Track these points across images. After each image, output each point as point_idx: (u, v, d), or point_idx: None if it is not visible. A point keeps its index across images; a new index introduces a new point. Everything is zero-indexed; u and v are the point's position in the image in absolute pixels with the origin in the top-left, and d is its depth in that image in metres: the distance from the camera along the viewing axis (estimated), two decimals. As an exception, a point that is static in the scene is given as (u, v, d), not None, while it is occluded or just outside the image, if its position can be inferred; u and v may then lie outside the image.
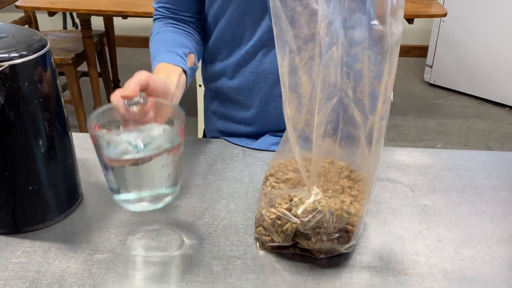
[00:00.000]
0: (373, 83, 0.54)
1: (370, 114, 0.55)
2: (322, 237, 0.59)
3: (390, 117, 0.56)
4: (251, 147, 0.89)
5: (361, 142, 0.57)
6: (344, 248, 0.62)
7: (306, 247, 0.61)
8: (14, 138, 0.63)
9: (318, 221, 0.59)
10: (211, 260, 0.64)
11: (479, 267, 0.64)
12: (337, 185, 0.62)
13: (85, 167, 0.82)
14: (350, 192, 0.62)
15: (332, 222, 0.59)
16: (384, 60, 0.52)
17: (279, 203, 0.62)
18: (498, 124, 2.96)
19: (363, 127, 0.56)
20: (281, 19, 0.52)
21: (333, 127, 0.57)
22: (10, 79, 0.60)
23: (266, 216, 0.63)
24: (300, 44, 0.53)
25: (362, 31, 0.52)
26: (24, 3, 2.22)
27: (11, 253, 0.65)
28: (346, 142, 0.58)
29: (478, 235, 0.70)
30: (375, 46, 0.52)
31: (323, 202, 0.60)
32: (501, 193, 0.79)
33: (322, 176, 0.62)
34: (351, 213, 0.60)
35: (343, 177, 0.63)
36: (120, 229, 0.69)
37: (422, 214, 0.74)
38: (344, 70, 0.54)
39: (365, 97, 0.54)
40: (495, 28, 2.99)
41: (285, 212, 0.61)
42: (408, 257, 0.66)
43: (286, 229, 0.61)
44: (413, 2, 2.30)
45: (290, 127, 0.59)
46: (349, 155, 0.61)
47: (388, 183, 0.81)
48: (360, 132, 0.56)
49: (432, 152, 0.90)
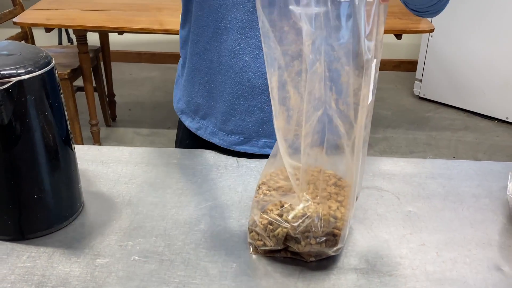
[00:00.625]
0: (353, 95, 0.58)
1: (352, 124, 0.59)
2: (311, 241, 0.63)
3: (380, 130, 0.59)
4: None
5: (345, 151, 0.62)
6: (332, 250, 0.66)
7: (296, 250, 0.65)
8: (20, 150, 0.67)
9: (307, 226, 0.63)
10: (207, 263, 0.68)
11: (459, 269, 0.69)
12: (325, 192, 0.66)
13: (86, 178, 0.85)
14: (336, 198, 0.66)
15: (320, 226, 0.63)
16: (361, 74, 0.56)
17: (271, 209, 0.66)
18: (486, 136, 3.02)
19: (346, 136, 0.60)
20: (270, 38, 0.57)
21: (320, 137, 0.61)
22: (18, 94, 0.64)
23: (258, 222, 0.67)
24: (288, 60, 0.58)
25: (341, 48, 0.57)
26: (21, 19, 2.27)
27: (17, 258, 0.68)
28: (332, 151, 0.62)
29: (459, 239, 0.74)
30: (352, 62, 0.57)
31: (311, 208, 0.64)
32: (482, 200, 0.83)
33: (311, 183, 0.66)
34: (337, 217, 0.64)
35: (331, 184, 0.67)
36: (120, 235, 0.73)
37: (407, 219, 0.78)
38: (327, 84, 0.58)
39: (347, 108, 0.59)
40: (482, 43, 3.06)
41: (276, 218, 0.65)
42: (393, 260, 0.70)
43: (277, 234, 0.65)
44: (401, 19, 2.36)
45: (280, 138, 0.63)
46: (335, 163, 0.65)
47: (375, 191, 0.85)
48: (344, 141, 0.61)
49: (417, 162, 0.94)
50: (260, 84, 0.92)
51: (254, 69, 0.91)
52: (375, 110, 3.22)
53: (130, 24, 2.25)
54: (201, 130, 1.02)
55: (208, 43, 0.94)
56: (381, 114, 3.23)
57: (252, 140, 0.97)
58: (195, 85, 1.00)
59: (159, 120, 3.10)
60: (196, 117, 1.03)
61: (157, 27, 2.22)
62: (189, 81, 1.02)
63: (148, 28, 2.23)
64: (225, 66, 0.93)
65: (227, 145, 0.98)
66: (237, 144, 0.98)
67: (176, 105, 1.09)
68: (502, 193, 0.85)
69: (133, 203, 0.80)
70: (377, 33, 0.57)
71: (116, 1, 2.56)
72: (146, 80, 3.64)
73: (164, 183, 0.85)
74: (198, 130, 1.03)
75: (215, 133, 1.00)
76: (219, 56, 0.93)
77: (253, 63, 0.91)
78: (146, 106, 3.28)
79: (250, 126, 0.96)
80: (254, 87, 0.92)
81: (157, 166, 0.90)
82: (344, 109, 0.59)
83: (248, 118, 0.95)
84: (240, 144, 0.98)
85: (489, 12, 2.97)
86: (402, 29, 2.30)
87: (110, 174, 0.87)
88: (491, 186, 0.87)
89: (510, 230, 0.77)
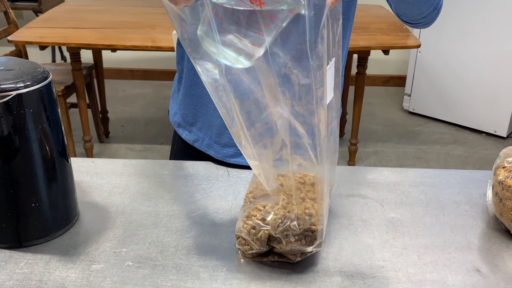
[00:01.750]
0: (305, 97, 0.63)
1: (311, 124, 0.64)
2: (291, 239, 0.67)
3: (371, 144, 0.62)
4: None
5: (309, 149, 0.66)
6: (313, 246, 0.69)
7: (280, 249, 0.69)
8: (19, 160, 0.70)
9: (285, 225, 0.67)
10: (198, 268, 0.71)
11: (439, 271, 0.72)
12: (300, 192, 0.70)
13: (81, 188, 0.88)
14: (311, 196, 0.70)
15: (297, 224, 0.67)
16: (309, 75, 0.61)
17: (254, 214, 0.70)
18: (474, 149, 3.07)
19: (306, 136, 0.65)
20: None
21: (283, 142, 0.66)
22: (17, 107, 0.68)
23: (243, 228, 0.70)
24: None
25: (287, 53, 0.62)
26: (16, 37, 2.31)
27: (15, 265, 0.71)
28: (297, 151, 0.67)
29: (439, 243, 0.77)
30: (300, 65, 0.61)
31: (288, 208, 0.68)
32: (462, 207, 0.87)
33: (285, 185, 0.70)
34: (312, 214, 0.68)
35: (303, 183, 0.71)
36: (114, 243, 0.76)
37: (390, 225, 0.81)
38: (279, 89, 0.63)
39: (302, 109, 0.64)
40: (470, 58, 3.13)
41: (258, 222, 0.69)
42: (376, 263, 0.73)
43: (260, 236, 0.68)
44: (389, 35, 2.42)
45: (239, 145, 0.68)
46: (303, 163, 0.69)
47: (359, 198, 0.88)
48: (305, 141, 0.65)
49: (400, 171, 0.98)
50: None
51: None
52: (365, 125, 3.27)
53: (123, 42, 2.29)
54: (198, 143, 1.06)
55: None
56: (371, 129, 3.28)
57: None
58: (192, 98, 1.05)
59: (152, 136, 3.13)
60: (194, 130, 1.07)
61: (150, 44, 2.26)
62: (186, 95, 1.06)
63: (141, 45, 2.27)
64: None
65: (221, 157, 1.02)
66: (231, 157, 1.01)
67: (173, 118, 1.12)
68: (482, 199, 0.89)
69: (126, 212, 0.83)
70: (334, 34, 0.61)
71: (109, 19, 2.61)
72: (139, 97, 3.67)
73: (156, 193, 0.88)
74: (195, 142, 1.07)
75: (210, 146, 1.04)
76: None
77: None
78: (139, 122, 3.32)
79: None
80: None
81: (150, 177, 0.93)
82: (300, 110, 0.63)
83: None
84: (234, 156, 1.01)
85: (476, 27, 3.05)
86: (390, 45, 2.36)
87: (104, 185, 0.90)
88: (471, 193, 0.90)
89: (488, 234, 0.80)
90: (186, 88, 1.05)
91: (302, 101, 0.63)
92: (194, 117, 1.06)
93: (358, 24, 2.57)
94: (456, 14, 3.07)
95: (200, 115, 1.04)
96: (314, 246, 0.68)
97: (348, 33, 1.01)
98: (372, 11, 2.83)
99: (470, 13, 3.03)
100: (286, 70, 0.62)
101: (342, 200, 0.88)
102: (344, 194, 0.89)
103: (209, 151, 1.04)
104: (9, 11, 2.58)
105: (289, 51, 0.62)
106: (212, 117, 1.02)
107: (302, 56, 0.60)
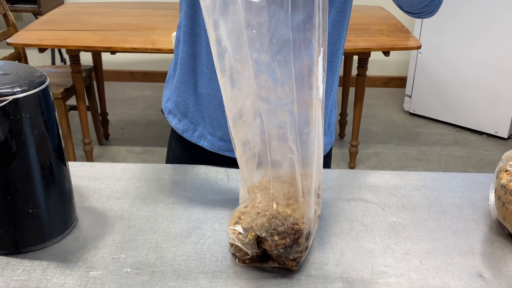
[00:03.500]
0: (289, 83, 0.62)
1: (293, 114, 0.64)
2: (275, 237, 0.67)
3: (371, 145, 0.61)
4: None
5: (292, 147, 0.65)
6: (300, 247, 0.68)
7: (269, 249, 0.68)
8: (15, 166, 0.69)
9: (269, 225, 0.67)
10: (198, 274, 0.70)
11: (442, 276, 0.71)
12: (282, 193, 0.68)
13: (79, 193, 0.87)
14: (294, 195, 0.69)
15: (280, 224, 0.67)
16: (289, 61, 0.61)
17: (240, 218, 0.70)
18: (475, 150, 3.06)
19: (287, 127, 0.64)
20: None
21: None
22: (14, 112, 0.67)
23: (233, 235, 0.70)
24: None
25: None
26: (15, 40, 2.30)
27: (12, 272, 0.70)
28: (279, 145, 0.66)
29: (442, 248, 0.77)
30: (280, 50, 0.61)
31: (271, 209, 0.68)
32: (464, 210, 0.86)
33: (266, 189, 0.69)
34: (287, 213, 0.67)
35: (284, 184, 0.70)
36: (112, 249, 0.75)
37: (391, 230, 0.80)
38: (257, 94, 0.63)
39: (286, 96, 0.64)
40: (470, 59, 3.12)
41: (244, 227, 0.69)
42: (378, 268, 0.72)
43: (249, 240, 0.68)
44: (389, 36, 2.41)
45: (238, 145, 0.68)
46: (283, 162, 0.68)
47: (361, 203, 0.87)
48: (287, 132, 0.65)
49: (402, 174, 0.97)
50: None
51: None
52: (366, 126, 3.27)
53: (123, 44, 2.29)
54: (187, 133, 1.04)
55: (200, 46, 0.96)
56: (372, 130, 3.27)
57: None
58: (188, 86, 1.01)
59: (152, 139, 3.13)
60: (184, 119, 1.04)
61: (150, 46, 2.25)
62: (181, 83, 1.02)
63: (140, 47, 2.26)
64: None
65: (216, 149, 1.01)
66: (227, 150, 1.00)
67: (165, 104, 1.09)
68: (484, 203, 0.88)
69: (125, 218, 0.82)
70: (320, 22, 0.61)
71: (108, 21, 2.60)
72: (138, 99, 3.67)
73: (155, 198, 0.87)
74: (185, 132, 1.04)
75: (203, 137, 1.02)
76: (209, 59, 0.95)
77: None
78: (139, 124, 3.31)
79: None
80: None
81: (149, 181, 0.92)
82: (284, 97, 0.63)
83: None
84: (229, 150, 1.00)
85: (477, 27, 3.04)
86: (390, 46, 2.35)
87: (103, 190, 0.89)
88: (473, 197, 0.90)
89: (491, 238, 0.79)
90: (180, 75, 1.01)
91: (286, 87, 0.62)
92: (186, 107, 1.02)
93: (359, 25, 2.56)
94: (457, 15, 3.07)
95: (193, 105, 1.01)
96: (301, 246, 0.68)
97: (344, 32, 0.99)
98: (372, 12, 2.83)
99: (470, 14, 3.03)
100: (265, 57, 0.62)
101: (343, 204, 0.87)
102: (345, 198, 0.88)
103: (201, 142, 1.02)
104: (8, 13, 2.58)
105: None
106: (207, 108, 0.99)
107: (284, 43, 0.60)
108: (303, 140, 0.65)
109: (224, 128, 0.99)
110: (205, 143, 1.02)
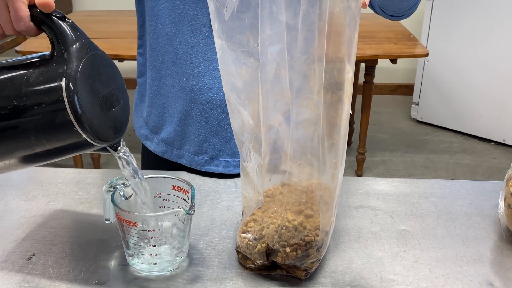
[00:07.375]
0: (312, 93, 0.62)
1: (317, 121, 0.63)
2: (286, 249, 0.66)
3: (378, 153, 0.61)
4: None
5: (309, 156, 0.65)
6: (311, 260, 0.67)
7: (279, 262, 0.68)
8: None
9: (280, 237, 0.66)
10: (206, 282, 0.70)
11: (451, 284, 0.70)
12: (295, 203, 0.68)
13: (87, 200, 0.88)
14: (309, 205, 0.68)
15: (292, 236, 0.66)
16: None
17: (251, 226, 0.69)
18: (483, 158, 3.04)
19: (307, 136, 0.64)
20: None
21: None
22: None
23: (241, 243, 0.69)
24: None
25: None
26: (24, 48, 2.32)
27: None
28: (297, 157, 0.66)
29: (451, 256, 0.76)
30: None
31: (279, 220, 0.67)
32: (474, 218, 0.85)
33: (278, 200, 0.69)
34: (299, 223, 0.66)
35: (299, 193, 0.69)
36: (121, 258, 0.75)
37: (400, 237, 0.80)
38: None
39: (311, 102, 0.63)
40: (478, 67, 3.11)
41: (254, 236, 0.68)
42: (387, 276, 0.72)
43: (258, 250, 0.67)
44: (396, 44, 2.41)
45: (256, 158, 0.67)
46: (301, 171, 0.67)
47: (369, 210, 0.87)
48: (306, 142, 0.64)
49: (410, 182, 0.96)
50: (220, 104, 0.96)
51: (213, 90, 0.95)
52: (373, 134, 3.26)
53: (131, 52, 2.30)
54: (167, 154, 1.05)
55: (168, 68, 0.98)
56: (379, 138, 3.26)
57: (215, 160, 0.99)
58: (159, 109, 1.03)
59: (159, 146, 3.13)
60: (161, 142, 1.06)
61: (157, 54, 2.26)
62: (152, 106, 1.04)
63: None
64: (185, 90, 0.97)
65: (193, 165, 1.01)
66: (202, 165, 1.00)
67: (139, 131, 1.12)
68: (494, 211, 0.87)
69: (133, 224, 0.82)
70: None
71: (117, 29, 2.62)
72: (146, 106, 3.67)
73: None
74: (165, 153, 1.06)
75: (181, 155, 1.03)
76: (179, 80, 0.97)
77: (213, 84, 0.94)
78: (146, 131, 3.31)
79: (213, 146, 0.99)
80: (215, 107, 0.96)
81: (157, 188, 0.92)
82: (308, 104, 0.62)
83: (211, 138, 0.98)
84: (205, 164, 1.00)
85: (484, 35, 3.03)
86: (397, 53, 2.35)
87: (111, 197, 0.89)
88: (482, 205, 0.89)
89: (501, 246, 0.79)
90: (151, 99, 1.04)
91: (310, 95, 0.62)
92: (161, 128, 1.05)
93: (365, 33, 2.56)
94: (464, 22, 3.06)
95: (167, 126, 1.03)
96: (312, 258, 0.67)
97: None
98: (379, 20, 2.83)
99: (478, 22, 3.02)
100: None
101: (351, 211, 0.87)
102: (353, 206, 0.88)
103: (180, 160, 1.03)
104: (18, 21, 2.60)
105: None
106: (180, 126, 1.01)
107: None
108: (324, 152, 0.65)
109: (199, 142, 1.00)
110: (183, 160, 1.03)
